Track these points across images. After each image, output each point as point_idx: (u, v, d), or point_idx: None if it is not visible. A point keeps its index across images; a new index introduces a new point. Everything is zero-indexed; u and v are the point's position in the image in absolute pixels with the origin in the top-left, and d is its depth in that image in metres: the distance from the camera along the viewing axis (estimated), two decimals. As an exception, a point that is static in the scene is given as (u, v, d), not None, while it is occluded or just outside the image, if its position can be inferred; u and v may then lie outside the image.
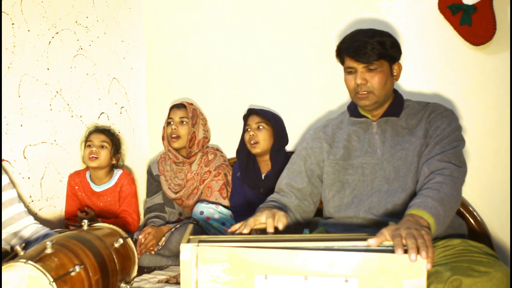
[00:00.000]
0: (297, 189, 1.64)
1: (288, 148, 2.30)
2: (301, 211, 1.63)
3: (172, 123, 2.35)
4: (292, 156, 1.75)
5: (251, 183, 2.22)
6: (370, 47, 1.48)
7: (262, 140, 2.17)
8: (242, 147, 2.26)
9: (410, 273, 1.06)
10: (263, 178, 2.23)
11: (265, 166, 2.25)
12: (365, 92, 1.53)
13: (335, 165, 1.62)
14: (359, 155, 1.59)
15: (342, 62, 1.61)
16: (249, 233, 1.34)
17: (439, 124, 1.51)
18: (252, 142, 2.18)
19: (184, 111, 2.36)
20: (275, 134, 2.18)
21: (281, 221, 1.36)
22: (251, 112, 2.22)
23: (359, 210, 1.53)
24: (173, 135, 2.33)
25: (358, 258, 1.07)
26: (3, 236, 1.69)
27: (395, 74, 1.58)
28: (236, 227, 1.37)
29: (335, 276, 1.08)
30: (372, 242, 1.11)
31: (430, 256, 1.07)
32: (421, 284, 1.05)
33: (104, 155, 2.23)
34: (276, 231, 1.35)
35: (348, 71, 1.57)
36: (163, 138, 2.42)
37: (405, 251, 1.07)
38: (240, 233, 1.34)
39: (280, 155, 2.18)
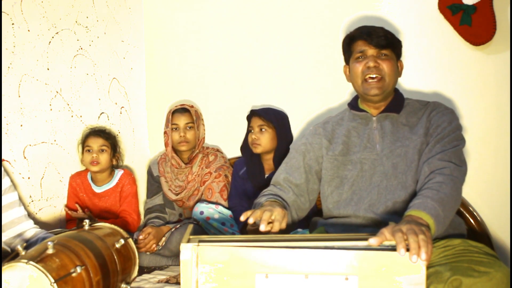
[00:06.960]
0: (294, 184, 1.65)
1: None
2: (296, 207, 1.64)
3: (178, 129, 2.32)
4: (290, 151, 1.75)
5: (255, 181, 2.21)
6: (383, 33, 1.57)
7: (264, 142, 2.16)
8: (246, 146, 2.26)
9: (409, 269, 1.07)
10: (265, 178, 2.22)
11: (268, 165, 2.24)
12: (376, 78, 1.55)
13: (334, 161, 1.62)
14: (358, 150, 1.59)
15: (350, 53, 1.64)
16: (248, 232, 1.35)
17: (439, 122, 1.52)
18: (253, 143, 2.18)
19: (189, 116, 2.33)
20: (278, 136, 2.17)
21: (282, 227, 1.39)
22: (253, 114, 2.20)
23: (359, 208, 1.52)
24: (182, 142, 2.30)
25: (358, 256, 1.08)
26: (3, 239, 1.68)
27: (399, 70, 1.65)
28: (248, 214, 1.36)
29: (336, 275, 1.08)
30: (373, 241, 1.11)
31: (429, 254, 1.07)
32: (420, 281, 1.06)
33: (104, 159, 2.23)
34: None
35: (358, 56, 1.60)
36: (166, 145, 2.36)
37: (407, 249, 1.07)
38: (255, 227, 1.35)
39: (283, 156, 2.17)
